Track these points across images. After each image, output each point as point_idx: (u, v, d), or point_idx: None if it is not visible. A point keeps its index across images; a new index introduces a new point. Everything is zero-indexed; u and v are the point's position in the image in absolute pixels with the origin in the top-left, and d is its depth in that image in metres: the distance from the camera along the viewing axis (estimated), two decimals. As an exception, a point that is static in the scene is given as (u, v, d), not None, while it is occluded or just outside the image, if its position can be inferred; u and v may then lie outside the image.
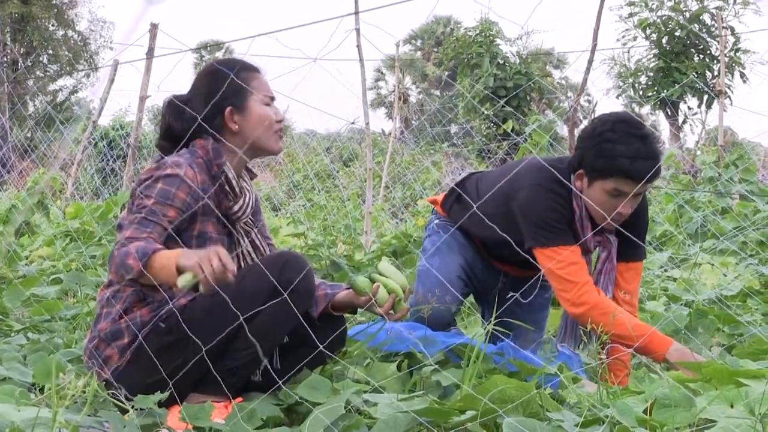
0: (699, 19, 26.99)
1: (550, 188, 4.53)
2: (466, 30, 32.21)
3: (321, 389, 3.82)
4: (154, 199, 3.77)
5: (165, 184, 3.82)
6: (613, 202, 4.39)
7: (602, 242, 4.69)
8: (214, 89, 4.05)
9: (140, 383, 3.76)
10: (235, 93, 4.05)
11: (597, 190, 4.44)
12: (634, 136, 4.31)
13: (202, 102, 4.06)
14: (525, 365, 4.18)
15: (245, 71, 4.14)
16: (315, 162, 19.28)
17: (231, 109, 4.05)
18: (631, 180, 4.32)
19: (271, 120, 4.11)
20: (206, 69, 4.28)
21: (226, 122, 4.05)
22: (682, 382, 3.48)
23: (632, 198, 4.39)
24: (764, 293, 7.13)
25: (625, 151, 4.26)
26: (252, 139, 4.05)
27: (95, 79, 45.65)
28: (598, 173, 4.39)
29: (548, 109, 34.46)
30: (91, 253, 8.19)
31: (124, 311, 3.85)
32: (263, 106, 4.10)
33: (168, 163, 3.88)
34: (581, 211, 4.58)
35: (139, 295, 3.87)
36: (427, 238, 5.30)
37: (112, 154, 18.04)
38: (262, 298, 3.72)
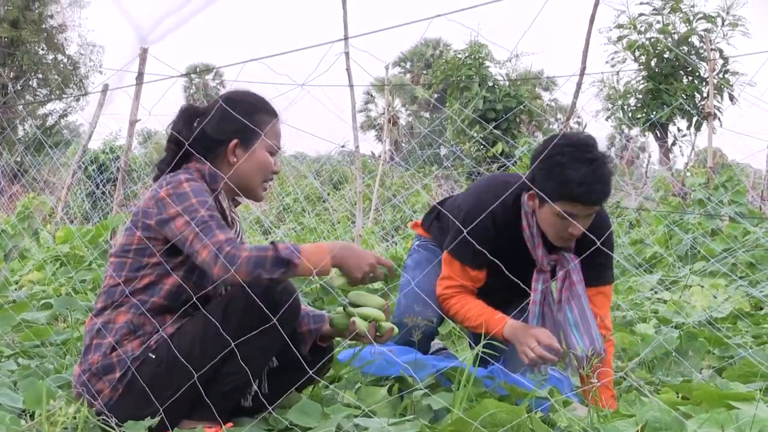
0: (688, 41, 27.02)
1: (489, 203, 4.49)
2: (455, 53, 32.23)
3: (311, 414, 3.82)
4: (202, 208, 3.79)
5: (195, 195, 3.84)
6: (563, 224, 4.43)
7: (558, 260, 4.71)
8: (230, 116, 4.06)
9: (133, 415, 3.75)
10: (248, 129, 4.06)
11: (547, 211, 4.48)
12: (582, 161, 4.32)
13: (215, 122, 4.08)
14: (515, 389, 4.18)
15: (266, 114, 4.15)
16: (305, 185, 19.27)
17: (237, 143, 4.06)
18: (579, 203, 4.36)
19: (269, 169, 4.13)
20: (234, 93, 4.27)
21: (227, 153, 4.06)
22: (673, 405, 3.49)
23: (583, 219, 4.43)
24: (754, 315, 7.14)
25: (574, 176, 4.28)
26: (243, 178, 4.06)
27: (85, 103, 45.64)
28: (548, 195, 4.41)
29: (538, 132, 34.50)
30: (81, 278, 8.18)
31: (116, 343, 3.84)
32: (266, 153, 4.11)
33: (182, 179, 3.90)
34: (532, 229, 4.64)
35: (129, 328, 3.86)
36: (409, 257, 5.40)
37: (102, 178, 18.02)
38: (249, 322, 3.72)
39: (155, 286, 3.89)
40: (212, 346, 3.72)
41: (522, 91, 30.89)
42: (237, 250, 3.65)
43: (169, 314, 3.90)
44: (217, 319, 3.71)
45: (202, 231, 3.71)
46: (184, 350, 3.74)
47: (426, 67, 57.97)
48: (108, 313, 3.92)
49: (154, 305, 3.89)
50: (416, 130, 44.99)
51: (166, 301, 3.90)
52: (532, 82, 38.17)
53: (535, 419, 3.48)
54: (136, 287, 3.90)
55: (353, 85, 8.63)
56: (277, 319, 3.67)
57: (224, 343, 3.68)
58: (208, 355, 3.73)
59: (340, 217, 16.41)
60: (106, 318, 3.92)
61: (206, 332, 3.73)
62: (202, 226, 3.72)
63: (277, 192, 19.74)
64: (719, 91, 25.81)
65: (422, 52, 61.16)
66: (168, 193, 3.84)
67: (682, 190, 14.64)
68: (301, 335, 4.20)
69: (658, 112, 25.69)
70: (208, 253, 3.68)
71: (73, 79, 46.54)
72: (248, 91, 4.28)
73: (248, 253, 3.64)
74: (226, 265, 3.63)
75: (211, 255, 3.66)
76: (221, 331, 3.67)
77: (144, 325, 3.85)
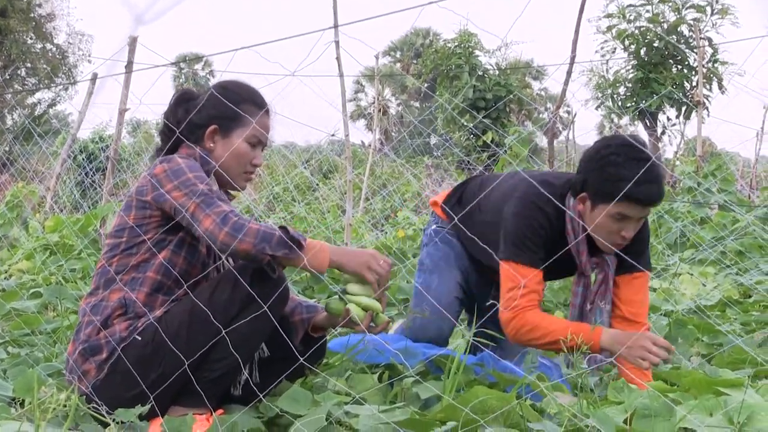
0: (677, 30, 27.07)
1: (538, 205, 4.48)
2: (445, 42, 32.26)
3: (302, 401, 3.81)
4: (200, 182, 3.80)
5: (191, 170, 3.86)
6: (616, 226, 4.35)
7: (599, 264, 4.64)
8: (213, 103, 4.09)
9: (119, 397, 3.75)
10: (228, 116, 4.07)
11: (600, 213, 4.36)
12: (638, 160, 4.21)
13: (202, 109, 4.11)
14: (505, 376, 4.19)
15: (252, 104, 4.15)
16: (295, 174, 19.26)
17: (215, 128, 4.07)
18: (635, 204, 4.27)
19: (246, 159, 4.13)
20: (225, 82, 4.29)
21: (205, 137, 4.07)
22: (662, 392, 3.50)
23: (636, 222, 4.37)
24: (743, 303, 7.17)
25: (630, 175, 4.14)
26: (221, 165, 4.05)
27: (74, 92, 45.58)
28: (602, 197, 4.31)
29: (528, 121, 34.51)
30: (71, 267, 8.17)
31: (104, 321, 3.84)
32: (246, 144, 4.10)
33: (175, 156, 3.95)
34: (576, 234, 4.52)
35: (121, 303, 3.86)
36: (425, 248, 5.26)
37: (91, 167, 17.99)
38: (237, 306, 3.73)
39: (148, 262, 3.90)
40: (199, 330, 3.72)
41: (512, 80, 30.92)
42: (244, 221, 3.66)
43: (162, 296, 3.90)
44: (204, 303, 3.71)
45: (203, 202, 3.71)
46: (171, 333, 3.74)
47: (416, 56, 57.97)
48: (101, 292, 3.93)
49: (147, 280, 3.88)
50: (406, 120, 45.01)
51: (158, 275, 3.90)
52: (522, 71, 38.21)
53: (525, 406, 3.49)
54: (130, 265, 3.91)
55: (343, 75, 8.61)
56: (265, 302, 3.67)
57: (211, 328, 3.68)
58: (194, 339, 3.72)
59: (330, 206, 16.39)
60: (99, 297, 3.92)
61: (193, 316, 3.73)
62: (204, 197, 3.72)
63: (267, 181, 19.71)
64: (708, 80, 25.86)
65: (412, 41, 61.18)
66: (163, 169, 3.86)
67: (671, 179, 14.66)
68: (293, 324, 4.21)
69: (648, 100, 25.73)
70: (211, 222, 3.67)
71: (61, 68, 46.43)
72: (241, 82, 4.29)
73: (257, 225, 3.65)
74: (232, 232, 3.63)
75: (216, 223, 3.66)
76: (208, 315, 3.68)
77: (135, 304, 3.85)
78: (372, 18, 5.42)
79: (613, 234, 4.37)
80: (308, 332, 4.24)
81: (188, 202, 3.75)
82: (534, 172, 4.83)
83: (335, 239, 11.46)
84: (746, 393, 3.29)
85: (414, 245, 10.99)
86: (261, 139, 4.15)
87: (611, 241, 4.40)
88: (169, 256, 3.91)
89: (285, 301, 3.90)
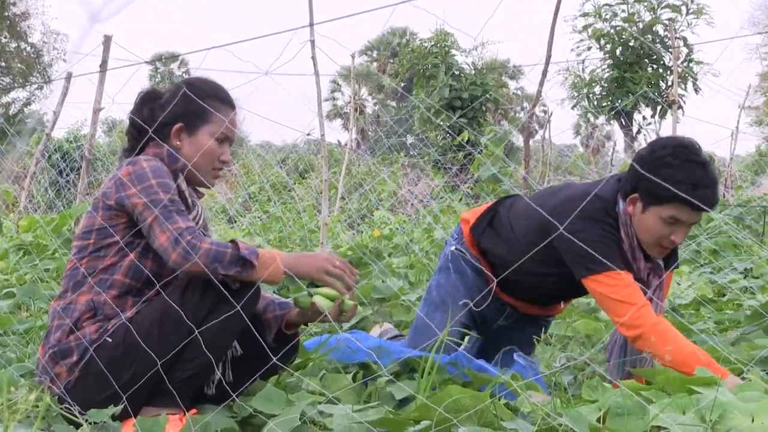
0: (652, 29, 27.13)
1: (600, 218, 4.38)
2: (421, 41, 32.28)
3: (275, 401, 3.81)
4: (162, 191, 3.80)
5: (155, 176, 3.84)
6: (666, 230, 4.28)
7: (653, 268, 4.56)
8: (179, 101, 4.08)
9: (92, 399, 3.73)
10: (193, 113, 4.06)
11: (652, 216, 4.28)
12: (695, 163, 4.15)
13: (165, 105, 4.12)
14: (479, 375, 4.19)
15: (217, 101, 4.14)
16: (271, 174, 19.24)
17: (181, 126, 4.06)
18: (690, 208, 4.17)
19: (214, 156, 4.12)
20: (187, 79, 4.28)
21: (171, 135, 4.06)
22: (635, 391, 3.50)
23: (687, 227, 4.31)
24: (717, 302, 7.19)
25: (687, 178, 4.09)
26: (189, 162, 4.04)
27: (49, 91, 45.44)
28: (656, 199, 4.22)
29: (504, 120, 34.56)
30: (45, 267, 8.14)
31: (75, 324, 3.82)
32: (213, 141, 4.09)
33: (140, 159, 3.91)
34: (631, 241, 4.43)
35: (90, 306, 3.85)
36: (437, 273, 5.16)
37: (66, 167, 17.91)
38: (208, 306, 3.72)
39: (116, 265, 3.89)
40: (170, 330, 3.71)
41: (488, 80, 30.92)
42: (198, 240, 3.67)
43: (132, 298, 3.89)
44: (175, 302, 3.71)
45: (162, 215, 3.72)
46: (142, 334, 3.73)
47: (392, 55, 57.97)
48: (70, 295, 3.92)
49: (115, 283, 3.87)
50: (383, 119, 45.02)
51: (126, 278, 3.89)
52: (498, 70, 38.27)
53: (499, 405, 3.49)
54: (98, 267, 3.89)
55: (319, 74, 8.60)
56: (236, 301, 3.67)
57: (183, 328, 3.68)
58: (166, 339, 3.72)
59: (306, 205, 16.39)
60: (68, 300, 3.91)
61: (164, 316, 3.72)
62: (162, 210, 3.73)
63: (243, 181, 19.70)
64: (683, 80, 25.95)
65: (389, 40, 61.21)
66: (128, 172, 3.85)
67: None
68: (267, 321, 4.20)
69: (623, 100, 25.78)
70: (166, 239, 3.69)
71: (36, 67, 46.31)
72: (208, 79, 4.28)
73: (209, 245, 3.66)
74: (184, 254, 3.65)
75: (170, 241, 3.68)
76: (179, 315, 3.67)
77: (104, 306, 3.84)
78: (347, 16, 5.44)
79: (664, 238, 4.31)
80: (281, 329, 4.23)
81: (147, 213, 3.76)
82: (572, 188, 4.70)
83: (311, 239, 11.46)
84: (719, 391, 3.30)
85: (389, 245, 10.99)
86: (228, 135, 4.15)
87: (660, 245, 4.36)
88: (138, 258, 3.90)
89: (256, 300, 3.89)
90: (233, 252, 3.68)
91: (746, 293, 7.60)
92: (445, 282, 5.06)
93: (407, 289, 7.11)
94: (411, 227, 13.17)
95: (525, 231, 4.67)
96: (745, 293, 7.59)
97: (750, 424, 3.12)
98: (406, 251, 10.00)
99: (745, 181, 21.60)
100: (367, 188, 18.36)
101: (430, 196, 17.76)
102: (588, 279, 4.38)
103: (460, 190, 17.61)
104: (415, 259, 9.10)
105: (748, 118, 37.20)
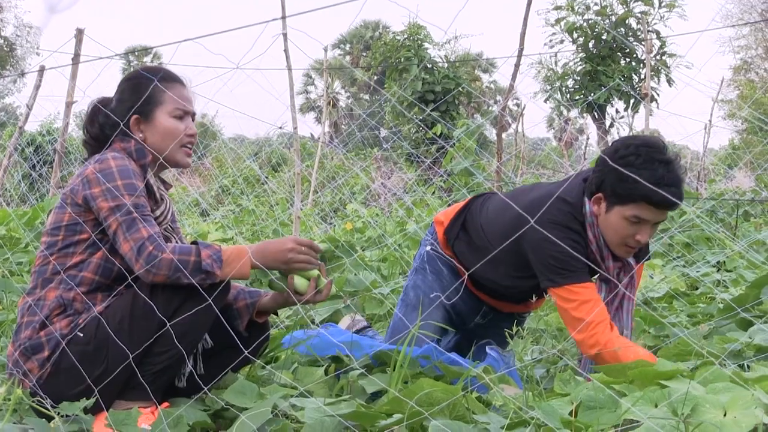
0: (625, 23, 27.17)
1: (567, 225, 4.38)
2: (394, 34, 32.22)
3: (248, 394, 3.81)
4: (127, 194, 3.78)
5: (122, 177, 3.83)
6: (631, 229, 4.27)
7: (623, 267, 4.55)
8: (126, 95, 4.08)
9: (64, 394, 3.72)
10: (143, 102, 4.04)
11: (616, 216, 4.27)
12: (658, 161, 4.13)
13: (115, 107, 4.10)
14: (451, 368, 4.19)
15: (163, 81, 4.12)
16: (244, 167, 19.22)
17: (137, 118, 4.05)
18: (653, 207, 4.18)
19: (178, 133, 4.09)
20: (127, 75, 4.27)
21: (132, 130, 4.04)
22: (607, 384, 3.51)
23: (652, 226, 4.29)
24: (690, 295, 7.22)
25: (649, 177, 4.00)
26: (157, 149, 4.04)
27: (22, 84, 45.29)
28: (619, 199, 4.22)
29: (477, 113, 34.58)
30: (18, 260, 8.11)
31: (45, 319, 3.81)
32: (171, 119, 4.08)
33: (108, 157, 3.89)
34: (599, 241, 4.42)
35: (60, 302, 3.83)
36: (413, 274, 5.15)
37: (39, 160, 17.86)
38: (178, 299, 3.72)
39: (85, 261, 3.87)
40: (141, 324, 3.70)
41: (461, 73, 30.94)
42: (159, 251, 3.67)
43: (102, 293, 3.88)
44: (145, 296, 3.70)
45: (125, 222, 3.73)
46: (113, 328, 3.72)
47: (365, 49, 57.96)
48: (39, 291, 3.90)
49: (84, 280, 3.86)
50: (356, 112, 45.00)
51: (96, 275, 3.87)
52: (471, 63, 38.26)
53: (471, 398, 3.49)
54: (67, 264, 3.88)
55: (291, 68, 8.59)
56: (208, 293, 3.67)
57: (153, 321, 3.68)
58: (136, 333, 3.71)
59: (278, 199, 16.37)
60: (37, 296, 3.89)
61: (135, 310, 3.72)
62: (126, 218, 3.73)
63: (216, 174, 19.67)
64: (656, 73, 26.02)
65: (361, 34, 61.15)
66: (94, 170, 3.83)
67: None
68: (238, 310, 4.19)
69: (596, 93, 25.82)
70: (129, 249, 3.70)
71: (9, 60, 46.11)
72: (146, 66, 4.29)
73: (170, 255, 3.65)
74: (146, 265, 3.66)
75: (133, 251, 3.69)
76: (150, 308, 3.66)
77: (74, 302, 3.83)
78: (319, 9, 5.40)
79: (628, 238, 4.30)
80: (252, 318, 4.22)
81: (111, 218, 3.76)
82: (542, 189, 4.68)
83: (283, 232, 11.45)
84: (690, 385, 3.31)
85: (362, 238, 10.98)
86: (185, 110, 4.14)
87: (625, 245, 4.36)
88: (107, 255, 3.88)
89: (227, 293, 3.88)
90: (195, 260, 3.68)
91: (719, 286, 7.63)
92: (422, 283, 5.05)
93: (380, 283, 7.11)
94: (384, 220, 13.18)
95: (496, 237, 4.66)
96: (717, 286, 7.62)
97: (722, 418, 3.12)
98: (379, 244, 9.99)
99: (718, 174, 21.69)
100: (340, 181, 18.36)
101: (403, 190, 17.77)
102: (552, 290, 4.41)
103: (432, 184, 17.62)
104: (388, 252, 9.09)
105: (722, 111, 37.33)
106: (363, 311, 6.55)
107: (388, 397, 3.60)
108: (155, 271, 3.64)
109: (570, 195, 4.47)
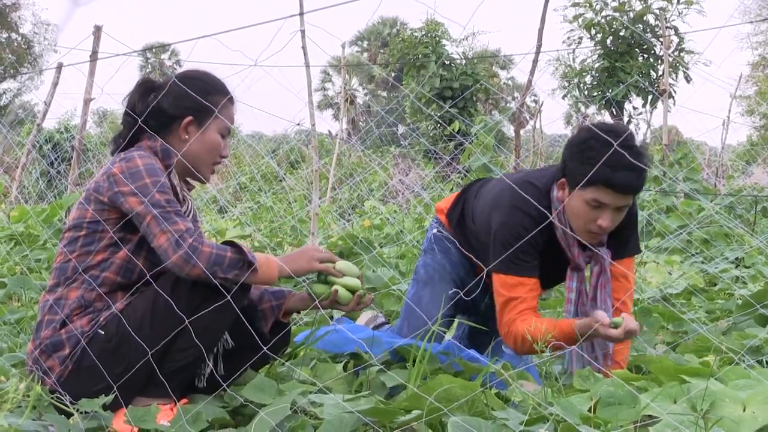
0: (643, 19, 27.09)
1: (523, 210, 4.40)
2: (412, 31, 32.21)
3: (266, 390, 3.81)
4: (157, 191, 3.78)
5: (149, 175, 3.82)
6: (591, 214, 4.27)
7: (593, 257, 4.53)
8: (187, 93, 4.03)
9: (85, 391, 3.72)
10: (203, 108, 4.02)
11: (577, 199, 4.28)
12: (619, 146, 3.96)
13: (171, 98, 4.05)
14: (470, 364, 4.19)
15: (222, 95, 4.11)
16: (261, 164, 19.21)
17: (191, 120, 4.03)
18: (611, 190, 4.18)
19: (217, 151, 4.11)
20: (192, 72, 4.23)
21: (180, 129, 4.03)
22: (626, 380, 3.51)
23: (613, 211, 4.27)
24: (708, 291, 7.21)
25: (607, 160, 4.02)
26: (193, 157, 4.04)
27: (39, 82, 45.37)
28: (579, 181, 4.18)
29: (495, 110, 34.54)
30: (36, 257, 8.13)
31: (66, 318, 3.81)
32: (218, 135, 4.09)
33: (135, 156, 3.87)
34: (565, 227, 4.43)
35: (81, 302, 3.84)
36: (423, 255, 5.18)
37: (57, 157, 17.89)
38: (199, 296, 3.72)
39: (107, 261, 3.87)
40: (162, 321, 3.71)
41: (479, 70, 30.91)
42: (199, 243, 3.67)
43: (122, 291, 3.88)
44: (166, 293, 3.70)
45: (161, 215, 3.70)
46: (133, 326, 3.72)
47: (383, 45, 57.91)
48: (60, 290, 3.90)
49: (106, 280, 3.86)
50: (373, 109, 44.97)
51: (117, 276, 3.87)
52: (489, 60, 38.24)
53: (490, 394, 3.49)
54: (89, 263, 3.87)
55: (309, 65, 8.58)
56: (228, 292, 3.67)
57: (174, 319, 3.68)
58: (157, 330, 3.72)
59: (296, 196, 16.36)
60: (58, 294, 3.89)
61: (156, 308, 3.72)
62: (161, 210, 3.71)
63: (233, 171, 19.67)
64: (674, 69, 25.95)
65: (379, 30, 61.12)
66: (121, 169, 3.81)
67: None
68: (263, 312, 4.19)
69: (614, 89, 25.76)
70: (166, 240, 3.68)
71: (27, 58, 46.21)
72: (206, 71, 4.26)
73: (209, 248, 3.66)
74: (185, 256, 3.64)
75: (171, 242, 3.66)
76: (171, 306, 3.66)
77: (95, 301, 3.83)
78: (337, 5, 5.40)
79: (590, 222, 4.29)
80: (278, 319, 4.22)
81: (145, 213, 3.74)
82: (517, 174, 4.71)
83: (301, 229, 11.45)
84: (710, 380, 3.31)
85: (380, 234, 10.99)
86: (230, 129, 4.16)
87: (587, 230, 4.34)
88: (129, 256, 3.88)
89: (247, 291, 3.88)
90: (232, 255, 3.69)
91: (737, 283, 7.62)
92: (431, 261, 5.07)
93: (398, 279, 7.10)
94: (402, 217, 13.17)
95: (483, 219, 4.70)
96: (736, 283, 7.62)
97: (741, 413, 3.12)
98: (397, 241, 9.99)
99: (736, 170, 21.61)
100: (357, 178, 18.35)
101: (421, 187, 17.75)
102: (494, 274, 4.47)
103: (450, 180, 17.61)
104: (406, 249, 9.10)
105: (740, 107, 37.20)
106: (381, 308, 6.54)
107: (407, 393, 3.61)
108: (194, 263, 3.63)
109: (540, 180, 4.53)
